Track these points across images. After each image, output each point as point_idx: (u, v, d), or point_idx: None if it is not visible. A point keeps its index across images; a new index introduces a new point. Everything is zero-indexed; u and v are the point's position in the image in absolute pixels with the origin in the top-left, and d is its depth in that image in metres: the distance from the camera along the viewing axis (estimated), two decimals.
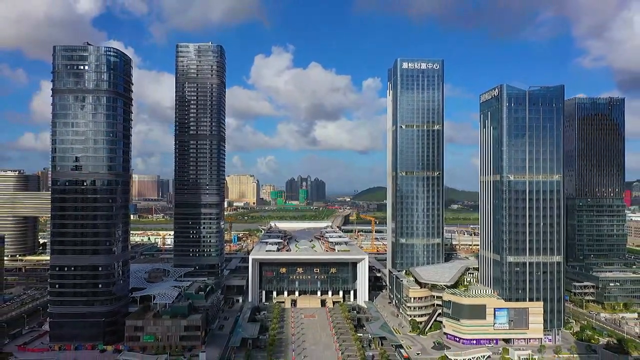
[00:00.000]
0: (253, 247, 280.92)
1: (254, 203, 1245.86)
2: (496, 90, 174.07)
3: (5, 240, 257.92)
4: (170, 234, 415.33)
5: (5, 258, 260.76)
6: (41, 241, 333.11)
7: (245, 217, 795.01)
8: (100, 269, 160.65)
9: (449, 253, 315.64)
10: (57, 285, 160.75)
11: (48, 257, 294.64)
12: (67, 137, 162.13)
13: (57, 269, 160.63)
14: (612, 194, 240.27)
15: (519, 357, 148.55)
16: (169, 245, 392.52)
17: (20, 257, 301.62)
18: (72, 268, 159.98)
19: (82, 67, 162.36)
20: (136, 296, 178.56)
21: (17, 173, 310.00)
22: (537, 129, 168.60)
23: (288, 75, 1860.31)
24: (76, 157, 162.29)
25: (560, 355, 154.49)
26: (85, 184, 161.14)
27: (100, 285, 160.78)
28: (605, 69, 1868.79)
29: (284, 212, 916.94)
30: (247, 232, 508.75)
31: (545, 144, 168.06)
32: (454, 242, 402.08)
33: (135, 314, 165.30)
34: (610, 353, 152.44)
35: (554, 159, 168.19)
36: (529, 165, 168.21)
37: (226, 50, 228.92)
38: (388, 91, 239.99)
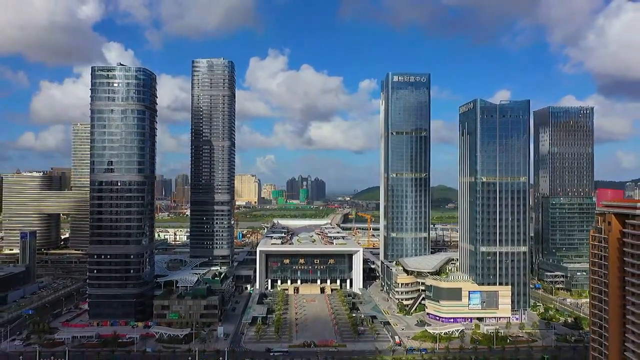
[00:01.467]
0: (259, 242, 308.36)
1: (255, 202, 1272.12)
2: (471, 104, 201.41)
3: None
4: (180, 230, 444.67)
5: None
6: (63, 236, 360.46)
7: (248, 216, 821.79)
8: (131, 257, 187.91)
9: (440, 248, 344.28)
10: (95, 271, 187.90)
11: (70, 251, 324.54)
12: (103, 145, 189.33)
13: (94, 257, 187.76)
14: (582, 193, 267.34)
15: (487, 330, 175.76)
16: (177, 241, 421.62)
17: (45, 251, 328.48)
18: (108, 256, 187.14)
19: (115, 85, 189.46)
20: (160, 281, 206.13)
21: (42, 174, 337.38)
22: (506, 137, 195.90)
23: (282, 77, 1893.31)
24: (111, 161, 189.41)
25: (523, 330, 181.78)
26: (119, 184, 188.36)
27: (131, 271, 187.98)
28: (586, 74, 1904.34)
29: (285, 211, 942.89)
30: (250, 230, 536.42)
31: (513, 150, 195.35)
32: (445, 239, 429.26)
33: (161, 295, 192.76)
34: (564, 328, 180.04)
35: (520, 163, 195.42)
36: (499, 168, 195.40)
37: (222, 53, 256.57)
38: (380, 101, 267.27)
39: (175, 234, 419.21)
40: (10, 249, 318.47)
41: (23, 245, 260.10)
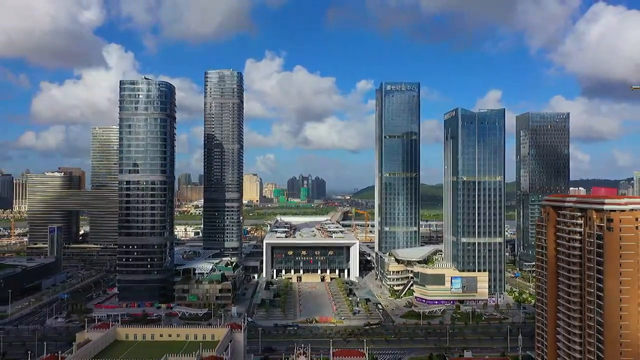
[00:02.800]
0: (263, 237, 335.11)
1: (257, 201, 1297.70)
2: (454, 112, 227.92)
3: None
4: (186, 227, 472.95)
5: None
6: (81, 231, 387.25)
7: (250, 214, 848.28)
8: (155, 247, 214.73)
9: (433, 242, 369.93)
10: (123, 259, 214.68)
11: (89, 245, 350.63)
12: (129, 148, 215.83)
13: (123, 247, 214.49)
14: (558, 190, 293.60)
15: (466, 310, 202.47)
16: (186, 237, 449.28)
17: (66, 245, 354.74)
18: (134, 247, 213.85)
19: (140, 96, 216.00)
20: (179, 269, 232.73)
21: (62, 174, 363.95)
22: (484, 142, 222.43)
23: (278, 78, 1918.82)
24: (136, 163, 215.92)
25: (498, 310, 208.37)
26: (144, 183, 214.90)
27: (155, 260, 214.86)
28: (570, 77, 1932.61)
29: (286, 209, 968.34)
30: (254, 227, 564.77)
31: (490, 153, 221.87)
32: (439, 235, 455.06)
33: (182, 281, 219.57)
34: (534, 308, 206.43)
35: (496, 164, 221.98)
36: (477, 169, 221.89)
37: (219, 55, 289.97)
38: (375, 107, 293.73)
39: (185, 230, 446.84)
40: (35, 243, 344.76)
41: (51, 238, 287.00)
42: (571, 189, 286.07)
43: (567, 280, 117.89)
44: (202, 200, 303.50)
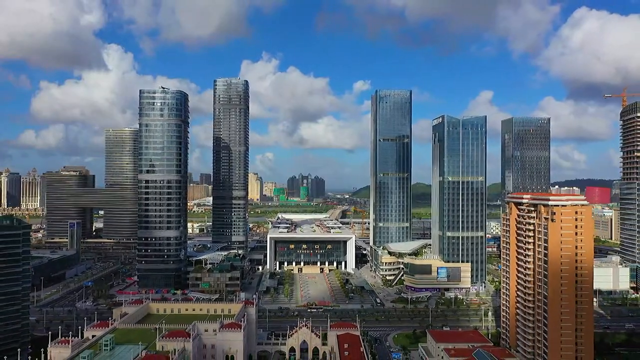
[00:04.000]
0: (265, 234, 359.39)
1: (257, 199, 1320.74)
2: (440, 118, 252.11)
3: None
4: (194, 223, 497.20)
5: None
6: (95, 227, 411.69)
7: (252, 212, 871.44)
8: (171, 239, 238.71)
9: (427, 238, 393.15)
10: (142, 250, 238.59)
11: (104, 240, 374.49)
12: (148, 151, 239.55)
13: (143, 239, 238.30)
14: (539, 190, 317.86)
15: (449, 297, 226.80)
16: (192, 232, 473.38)
17: (81, 240, 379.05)
18: (153, 239, 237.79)
19: (158, 104, 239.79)
20: (192, 259, 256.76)
21: (78, 173, 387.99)
22: (467, 145, 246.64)
23: (274, 79, 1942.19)
24: (154, 164, 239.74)
25: (478, 297, 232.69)
26: (161, 182, 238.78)
27: (171, 251, 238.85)
28: (555, 81, 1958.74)
29: (286, 208, 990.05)
30: (255, 224, 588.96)
31: (473, 155, 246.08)
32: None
33: (195, 270, 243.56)
34: None
35: (478, 166, 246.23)
36: (461, 170, 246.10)
37: (216, 57, 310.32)
38: (371, 112, 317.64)
39: (192, 226, 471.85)
40: (52, 238, 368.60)
41: (71, 233, 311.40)
42: (552, 188, 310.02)
43: (523, 257, 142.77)
44: (204, 198, 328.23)
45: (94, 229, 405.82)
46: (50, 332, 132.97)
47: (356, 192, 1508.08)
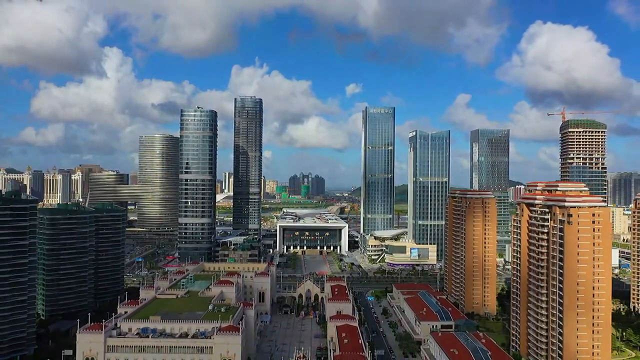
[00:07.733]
0: (271, 226, 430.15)
1: (260, 196, 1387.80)
2: (414, 132, 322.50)
3: None
4: None
5: None
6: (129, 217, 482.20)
7: None
8: (204, 225, 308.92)
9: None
10: (183, 234, 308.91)
11: (137, 229, 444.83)
12: (188, 156, 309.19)
13: (183, 225, 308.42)
14: (499, 189, 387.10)
15: (418, 270, 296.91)
16: None
17: None
18: (191, 225, 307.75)
19: (194, 119, 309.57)
20: (219, 241, 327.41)
21: (115, 172, 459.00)
22: (435, 153, 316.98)
23: (267, 82, 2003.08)
24: (190, 166, 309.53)
25: (440, 271, 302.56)
26: (197, 180, 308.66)
27: (204, 234, 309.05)
28: (518, 91, 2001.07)
29: (288, 205, 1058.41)
30: (262, 218, 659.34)
31: (439, 161, 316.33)
32: None
33: (222, 248, 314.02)
34: None
35: (442, 169, 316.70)
36: (430, 172, 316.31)
37: (210, 62, 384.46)
38: (362, 124, 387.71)
39: None
40: None
41: None
42: (509, 188, 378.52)
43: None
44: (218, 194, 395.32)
45: (128, 220, 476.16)
46: (140, 284, 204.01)
47: (355, 191, 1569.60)
